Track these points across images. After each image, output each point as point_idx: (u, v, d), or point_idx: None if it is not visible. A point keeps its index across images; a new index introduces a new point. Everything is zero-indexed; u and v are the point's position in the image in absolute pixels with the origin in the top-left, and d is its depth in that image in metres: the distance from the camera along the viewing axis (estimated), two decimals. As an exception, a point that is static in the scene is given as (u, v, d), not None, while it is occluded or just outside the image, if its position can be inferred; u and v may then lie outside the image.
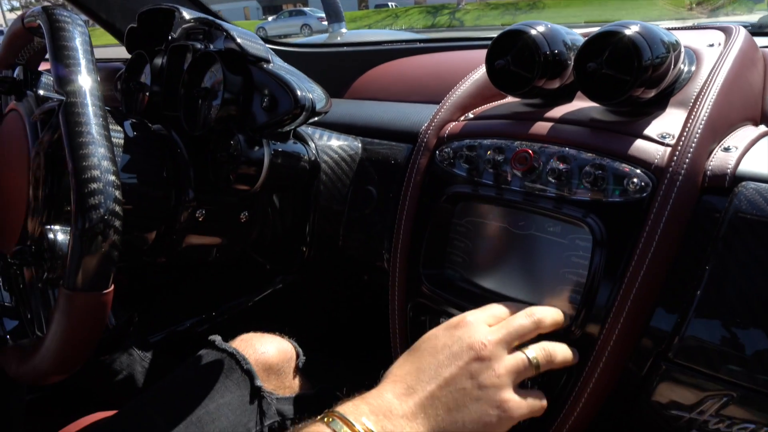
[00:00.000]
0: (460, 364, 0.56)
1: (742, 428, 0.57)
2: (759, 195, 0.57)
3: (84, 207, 0.56)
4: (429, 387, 0.55)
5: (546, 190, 0.70)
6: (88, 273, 0.57)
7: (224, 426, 0.77)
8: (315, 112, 0.74)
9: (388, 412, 0.52)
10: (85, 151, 0.58)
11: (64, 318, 0.58)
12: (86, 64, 0.64)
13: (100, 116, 0.61)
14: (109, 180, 0.58)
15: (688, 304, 0.59)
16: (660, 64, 0.66)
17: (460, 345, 0.57)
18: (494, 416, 0.55)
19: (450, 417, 0.53)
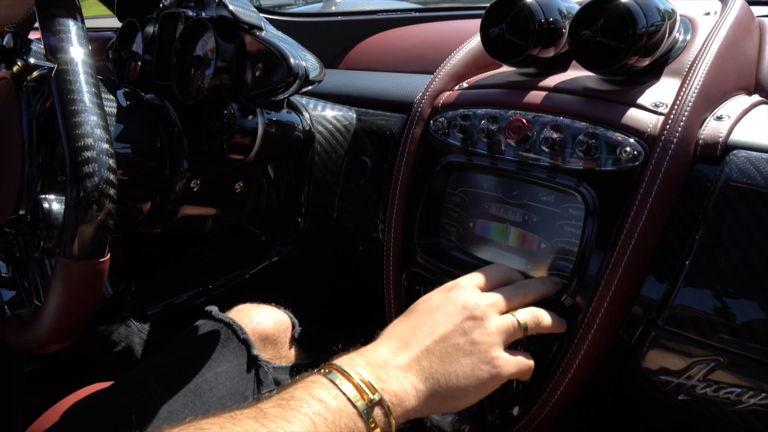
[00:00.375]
0: (455, 322, 0.58)
1: (729, 392, 0.58)
2: (750, 163, 0.57)
3: (78, 175, 0.56)
4: (424, 342, 0.57)
5: (539, 159, 0.70)
6: (84, 241, 0.57)
7: (222, 394, 0.78)
8: (308, 81, 0.73)
9: (383, 364, 0.54)
10: (78, 119, 0.58)
11: (62, 286, 0.58)
12: (77, 31, 0.63)
13: (92, 84, 0.60)
14: (103, 148, 0.57)
15: (679, 272, 0.60)
16: (655, 32, 0.66)
17: (455, 305, 0.60)
18: (485, 371, 0.57)
19: (443, 369, 0.55)
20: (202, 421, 0.45)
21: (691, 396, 0.61)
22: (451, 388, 0.55)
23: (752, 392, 0.56)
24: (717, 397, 0.59)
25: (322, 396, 0.49)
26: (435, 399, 0.55)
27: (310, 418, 0.47)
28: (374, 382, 0.52)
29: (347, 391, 0.50)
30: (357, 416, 0.49)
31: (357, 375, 0.52)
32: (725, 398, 0.58)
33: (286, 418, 0.46)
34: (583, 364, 0.66)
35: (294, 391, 0.50)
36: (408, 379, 0.54)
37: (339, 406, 0.49)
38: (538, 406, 0.69)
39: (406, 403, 0.53)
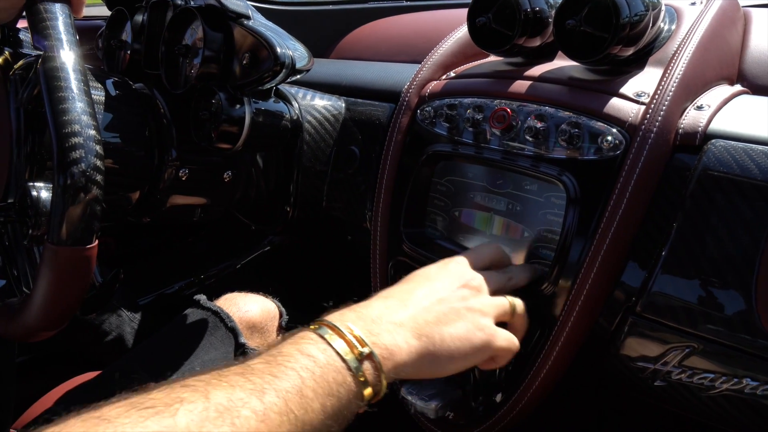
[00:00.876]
0: (453, 288, 0.60)
1: (702, 378, 0.59)
2: (727, 153, 0.58)
3: (65, 162, 0.57)
4: (422, 302, 0.57)
5: (524, 148, 0.71)
6: (71, 227, 0.58)
7: None
8: (295, 70, 0.74)
9: (377, 318, 0.54)
10: (65, 106, 0.58)
11: (50, 272, 0.59)
12: (64, 19, 0.64)
13: (79, 71, 0.61)
14: (90, 135, 0.58)
15: (656, 259, 0.61)
16: (638, 22, 0.66)
17: (452, 275, 0.62)
18: (479, 337, 0.57)
19: (438, 329, 0.55)
20: (189, 379, 0.45)
21: (667, 382, 0.62)
22: (444, 349, 0.55)
23: (725, 378, 0.58)
24: (691, 382, 0.60)
25: (311, 350, 0.48)
26: (426, 358, 0.54)
27: (297, 372, 0.46)
28: (365, 335, 0.51)
29: (336, 345, 0.49)
30: (346, 370, 0.48)
31: (347, 329, 0.51)
32: (699, 384, 0.59)
33: (273, 373, 0.46)
34: (563, 351, 0.67)
35: (282, 347, 0.49)
36: (401, 334, 0.53)
37: (327, 360, 0.48)
38: (519, 393, 0.71)
39: (397, 357, 0.52)
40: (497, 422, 0.74)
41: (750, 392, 0.57)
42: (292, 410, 0.44)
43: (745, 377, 0.57)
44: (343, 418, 0.48)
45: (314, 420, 0.45)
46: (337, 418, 0.47)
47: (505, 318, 0.63)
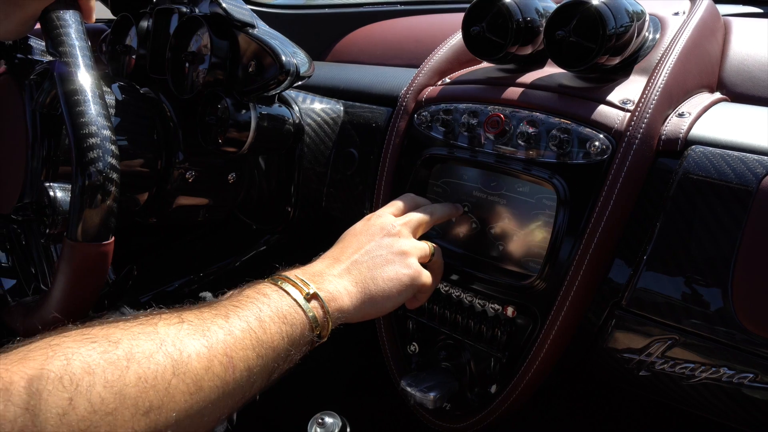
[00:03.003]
0: (376, 239, 0.69)
1: (683, 368, 0.63)
2: (705, 158, 0.62)
3: (83, 161, 0.59)
4: (353, 256, 0.67)
5: (516, 152, 0.74)
6: (89, 224, 0.61)
7: None
8: (299, 77, 0.77)
9: (320, 274, 0.64)
10: (81, 109, 0.61)
11: (68, 268, 0.62)
12: (76, 26, 0.66)
13: (93, 76, 0.64)
14: (106, 135, 0.61)
15: (641, 257, 0.65)
16: (624, 33, 0.70)
17: (375, 227, 0.71)
18: (406, 275, 0.67)
19: (370, 274, 0.66)
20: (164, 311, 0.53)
21: (651, 372, 0.66)
22: (379, 291, 0.65)
23: (704, 367, 0.62)
24: (673, 372, 0.64)
25: (266, 291, 0.58)
26: (365, 301, 0.64)
27: (255, 304, 0.56)
28: (310, 282, 0.61)
29: (287, 288, 0.59)
30: (296, 305, 0.58)
31: (296, 277, 0.61)
32: (680, 373, 0.64)
33: (236, 305, 0.55)
34: (554, 344, 0.71)
35: (243, 291, 0.59)
36: (341, 283, 0.63)
37: (281, 298, 0.58)
38: (513, 384, 0.74)
39: (340, 301, 0.62)
40: (492, 412, 0.78)
41: (727, 380, 0.61)
42: (252, 329, 0.54)
43: (723, 367, 0.61)
44: (299, 345, 0.58)
45: (273, 340, 0.55)
46: (293, 342, 0.57)
47: (425, 259, 0.72)
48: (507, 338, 0.75)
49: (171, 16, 0.88)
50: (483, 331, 0.77)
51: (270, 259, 1.40)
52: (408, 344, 0.86)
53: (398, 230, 0.70)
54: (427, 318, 0.83)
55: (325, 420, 0.69)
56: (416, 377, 0.80)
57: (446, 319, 0.81)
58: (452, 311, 0.81)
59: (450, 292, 0.81)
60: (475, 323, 0.78)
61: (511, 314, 0.75)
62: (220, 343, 0.50)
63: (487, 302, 0.77)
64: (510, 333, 0.75)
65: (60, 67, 0.63)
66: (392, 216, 0.73)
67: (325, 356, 0.93)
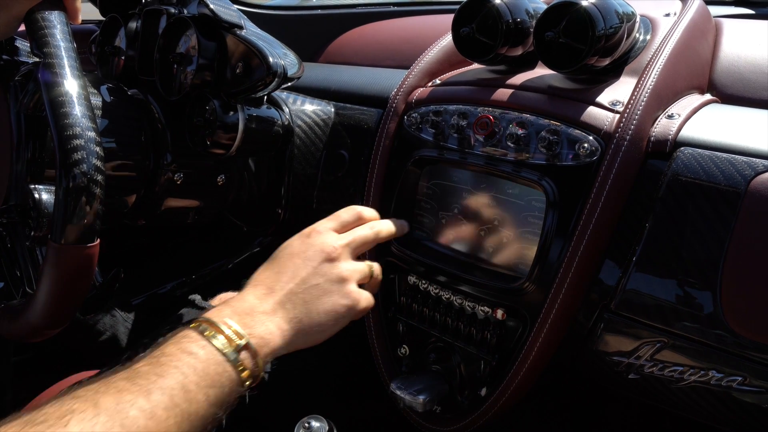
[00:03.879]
0: (314, 265, 0.65)
1: (672, 371, 0.63)
2: (694, 160, 0.62)
3: (67, 162, 0.59)
4: (288, 286, 0.63)
5: (506, 153, 0.74)
6: (74, 226, 0.60)
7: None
8: (287, 78, 0.77)
9: (250, 311, 0.59)
10: (66, 110, 0.60)
11: (53, 271, 0.61)
12: (61, 27, 0.66)
13: (78, 75, 0.63)
14: (90, 137, 0.60)
15: (630, 260, 0.65)
16: (613, 34, 0.70)
17: (313, 249, 0.66)
18: (343, 306, 0.64)
19: (306, 308, 0.62)
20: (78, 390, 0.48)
21: (640, 375, 0.66)
22: (314, 325, 0.62)
23: (692, 370, 0.61)
24: (662, 375, 0.64)
25: (192, 348, 0.53)
26: (299, 336, 0.61)
27: (180, 370, 0.51)
28: (241, 328, 0.56)
29: (215, 341, 0.54)
30: (225, 362, 0.54)
31: (224, 324, 0.56)
32: (669, 376, 0.63)
33: (158, 373, 0.50)
34: (543, 346, 0.70)
35: (165, 347, 0.54)
36: (273, 322, 0.60)
37: (208, 355, 0.53)
38: (503, 387, 0.74)
39: (272, 343, 0.58)
40: (482, 415, 0.77)
41: (715, 383, 0.61)
42: (177, 404, 0.49)
43: (711, 370, 0.61)
44: (227, 405, 0.54)
45: (199, 410, 0.50)
46: (221, 405, 0.53)
47: (365, 281, 0.69)
48: (497, 341, 0.75)
49: (160, 18, 0.88)
50: (473, 333, 0.77)
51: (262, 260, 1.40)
52: (398, 347, 0.86)
53: (338, 253, 0.67)
54: (417, 320, 0.83)
55: (311, 424, 0.68)
56: (406, 380, 0.79)
57: (436, 321, 0.81)
58: (442, 314, 0.80)
59: (440, 294, 0.80)
60: (464, 326, 0.78)
61: (501, 317, 0.74)
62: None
63: (477, 305, 0.76)
64: (500, 335, 0.75)
65: (44, 69, 0.63)
66: (334, 234, 0.69)
67: (313, 359, 0.92)
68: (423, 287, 0.82)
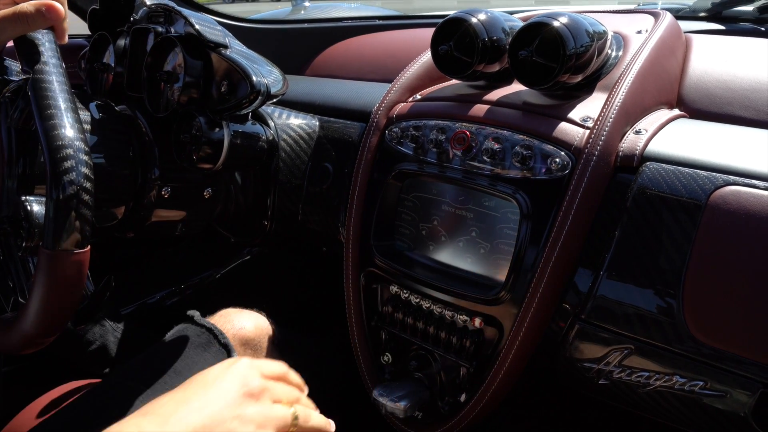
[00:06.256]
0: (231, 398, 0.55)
1: (639, 376, 0.66)
2: (659, 174, 0.65)
3: (57, 171, 0.60)
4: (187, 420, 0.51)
5: (483, 168, 0.77)
6: (65, 232, 0.61)
7: None
8: (270, 96, 0.79)
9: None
10: (55, 122, 0.62)
11: (45, 278, 0.62)
12: (49, 45, 0.68)
13: (66, 90, 0.65)
14: (79, 147, 0.61)
15: (599, 270, 0.68)
16: (584, 53, 0.73)
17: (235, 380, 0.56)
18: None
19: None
20: None
21: (609, 380, 0.68)
22: None
23: (658, 375, 0.64)
24: (630, 380, 0.67)
25: None
26: None
27: None
28: None
29: None
30: None
31: None
32: (637, 381, 0.66)
33: None
34: (519, 353, 0.73)
35: None
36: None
37: None
38: (480, 392, 0.77)
39: None
40: (462, 419, 0.80)
41: (679, 388, 0.64)
42: None
43: (675, 375, 0.64)
44: None
45: None
46: None
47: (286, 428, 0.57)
48: (474, 348, 0.77)
49: (147, 36, 0.90)
50: (452, 341, 0.79)
51: (250, 271, 1.43)
52: (381, 354, 0.88)
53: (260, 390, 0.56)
54: (399, 329, 0.85)
55: (295, 431, 0.70)
56: (388, 387, 0.82)
57: (417, 330, 0.83)
58: (423, 322, 0.83)
59: (420, 303, 0.83)
60: (444, 334, 0.80)
61: (479, 325, 0.77)
62: None
63: (456, 313, 0.79)
64: (477, 343, 0.77)
65: (34, 83, 0.65)
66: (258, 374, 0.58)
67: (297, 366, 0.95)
68: (404, 297, 0.85)
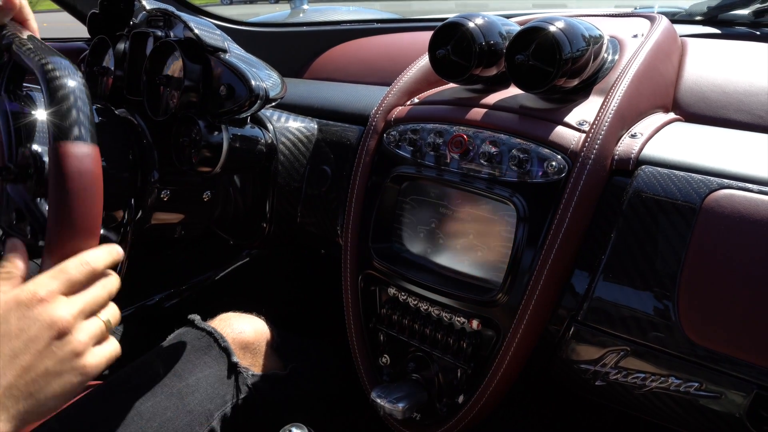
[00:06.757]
0: (40, 348, 0.54)
1: (635, 378, 0.66)
2: (654, 178, 0.66)
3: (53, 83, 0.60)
4: (5, 378, 0.52)
5: (480, 171, 0.77)
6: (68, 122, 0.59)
7: (203, 398, 0.84)
8: (269, 100, 0.80)
9: None
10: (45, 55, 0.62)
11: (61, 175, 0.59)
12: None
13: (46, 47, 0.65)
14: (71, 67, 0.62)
15: (595, 272, 0.68)
16: (580, 57, 0.74)
17: (39, 326, 0.55)
18: (77, 381, 0.56)
19: (32, 400, 0.53)
20: None
21: (606, 381, 0.69)
22: (43, 412, 0.54)
23: (654, 377, 0.65)
24: (626, 381, 0.67)
25: None
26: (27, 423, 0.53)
27: None
28: None
29: None
30: None
31: None
32: (633, 382, 0.67)
33: None
34: (516, 355, 0.74)
35: None
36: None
37: None
38: (478, 394, 0.77)
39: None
40: (460, 421, 0.80)
41: (674, 389, 0.64)
42: None
43: (670, 376, 0.64)
44: None
45: None
46: None
47: (104, 335, 0.61)
48: (472, 350, 0.78)
49: (147, 40, 0.91)
50: (450, 343, 0.80)
51: (248, 273, 1.43)
52: (379, 356, 0.88)
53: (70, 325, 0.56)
54: (397, 331, 0.86)
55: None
56: (386, 388, 0.82)
57: (415, 331, 0.84)
58: (421, 324, 0.83)
59: (418, 305, 0.83)
60: (442, 336, 0.81)
61: (476, 327, 0.77)
62: None
63: (453, 315, 0.80)
64: (475, 345, 0.78)
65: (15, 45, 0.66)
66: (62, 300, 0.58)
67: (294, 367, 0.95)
68: (402, 299, 0.85)
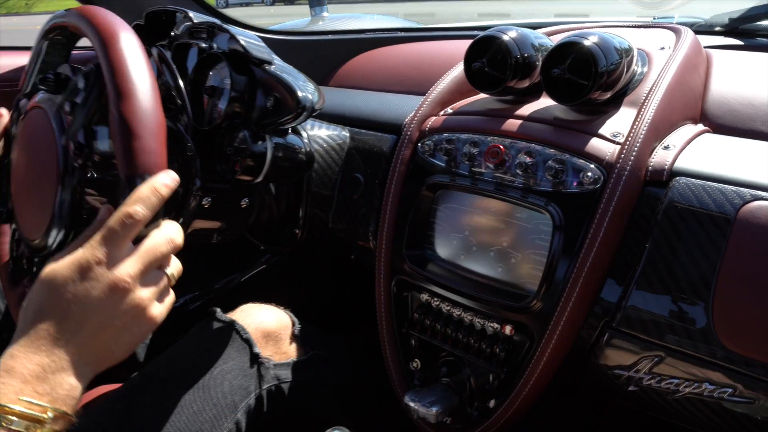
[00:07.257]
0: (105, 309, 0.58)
1: (669, 383, 0.69)
2: (688, 189, 0.68)
3: None
4: (77, 336, 0.57)
5: (514, 180, 0.80)
6: None
7: (227, 389, 0.86)
8: (314, 111, 0.82)
9: (41, 375, 0.54)
10: None
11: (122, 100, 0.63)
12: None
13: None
14: None
15: (630, 280, 0.70)
16: (614, 70, 0.76)
17: (101, 288, 0.58)
18: (143, 333, 0.61)
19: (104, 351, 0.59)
20: None
21: (639, 387, 0.71)
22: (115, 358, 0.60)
23: (687, 382, 0.67)
24: (660, 387, 0.69)
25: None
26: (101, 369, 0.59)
27: None
28: (40, 400, 0.53)
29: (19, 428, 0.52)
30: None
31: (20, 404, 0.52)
32: (666, 388, 0.69)
33: None
34: (549, 361, 0.76)
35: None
36: (70, 377, 0.56)
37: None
38: (510, 399, 0.79)
39: (76, 393, 0.56)
40: (491, 425, 0.82)
41: (708, 395, 0.66)
42: None
43: (705, 382, 0.66)
44: None
45: None
46: None
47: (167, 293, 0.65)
48: (505, 355, 0.80)
49: (189, 50, 0.93)
50: (482, 348, 0.82)
51: (276, 276, 1.45)
52: (410, 361, 0.91)
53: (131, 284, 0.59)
54: (429, 336, 0.88)
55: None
56: (419, 393, 0.84)
57: (447, 336, 0.86)
58: (453, 329, 0.85)
59: (451, 311, 0.85)
60: (474, 341, 0.83)
61: (510, 332, 0.80)
62: None
63: (486, 321, 0.82)
64: (508, 350, 0.80)
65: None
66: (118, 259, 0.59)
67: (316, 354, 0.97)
68: (435, 305, 0.87)
